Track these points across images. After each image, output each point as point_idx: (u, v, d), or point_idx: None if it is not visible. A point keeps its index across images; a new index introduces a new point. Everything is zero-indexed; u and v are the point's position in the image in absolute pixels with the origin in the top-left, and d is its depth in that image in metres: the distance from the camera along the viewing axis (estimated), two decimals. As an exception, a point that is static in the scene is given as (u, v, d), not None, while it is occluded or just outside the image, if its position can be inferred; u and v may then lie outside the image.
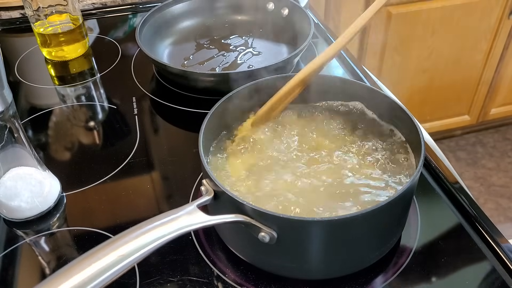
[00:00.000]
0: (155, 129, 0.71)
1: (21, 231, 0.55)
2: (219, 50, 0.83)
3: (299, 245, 0.44)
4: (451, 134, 1.99)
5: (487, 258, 0.50)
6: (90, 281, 0.35)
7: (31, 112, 0.74)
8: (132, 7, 1.00)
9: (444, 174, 0.59)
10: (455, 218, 0.54)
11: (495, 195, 1.76)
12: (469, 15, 1.54)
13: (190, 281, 0.49)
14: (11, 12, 0.95)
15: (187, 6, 0.87)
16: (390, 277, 0.49)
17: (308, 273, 0.47)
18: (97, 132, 0.72)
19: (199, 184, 0.58)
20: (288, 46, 0.83)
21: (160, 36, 0.83)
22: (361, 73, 0.77)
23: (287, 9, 0.85)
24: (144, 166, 0.63)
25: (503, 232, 0.52)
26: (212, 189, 0.45)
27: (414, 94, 1.70)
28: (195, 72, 0.72)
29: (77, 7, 0.82)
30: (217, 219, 0.43)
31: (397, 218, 0.48)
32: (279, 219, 0.42)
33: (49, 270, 0.52)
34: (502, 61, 1.72)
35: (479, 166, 1.88)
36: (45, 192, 0.56)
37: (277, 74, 0.59)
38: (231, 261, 0.50)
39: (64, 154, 0.67)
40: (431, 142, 0.70)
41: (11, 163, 0.55)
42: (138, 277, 0.49)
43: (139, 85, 0.78)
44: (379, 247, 0.48)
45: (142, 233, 0.38)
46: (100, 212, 0.58)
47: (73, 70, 0.84)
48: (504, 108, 1.90)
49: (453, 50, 1.63)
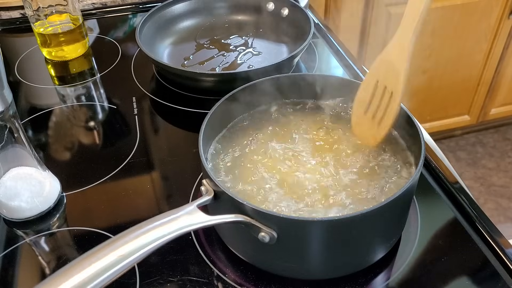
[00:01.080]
0: (155, 129, 0.71)
1: (21, 231, 0.55)
2: (219, 50, 0.83)
3: (299, 245, 0.44)
4: (451, 134, 1.99)
5: (487, 258, 0.50)
6: (90, 281, 0.35)
7: (31, 112, 0.74)
8: (132, 7, 1.00)
9: (444, 174, 0.59)
10: (455, 218, 0.54)
11: (495, 195, 1.76)
12: (469, 15, 1.54)
13: (190, 281, 0.49)
14: (11, 12, 0.95)
15: (187, 6, 0.87)
16: (390, 277, 0.49)
17: (308, 273, 0.47)
18: (97, 132, 0.72)
19: (199, 184, 0.58)
20: (288, 46, 0.83)
21: (160, 36, 0.83)
22: (361, 73, 0.77)
23: (287, 9, 0.85)
24: (144, 166, 0.64)
25: (503, 232, 0.52)
26: (212, 189, 0.45)
27: (414, 94, 1.70)
28: (195, 72, 0.72)
29: (77, 7, 0.82)
30: (217, 219, 0.43)
31: (397, 218, 0.48)
32: (279, 219, 0.42)
33: (49, 270, 0.52)
34: (502, 61, 1.72)
35: (479, 166, 1.88)
36: (45, 192, 0.56)
37: (277, 74, 0.59)
38: (231, 261, 0.50)
39: (64, 154, 0.67)
40: (431, 142, 0.70)
41: (11, 163, 0.55)
42: (138, 277, 0.49)
43: (139, 85, 0.78)
44: (379, 247, 0.48)
45: (142, 233, 0.38)
46: (100, 212, 0.58)
47: (73, 70, 0.84)
48: (504, 108, 1.90)
49: (453, 50, 1.63)
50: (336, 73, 0.80)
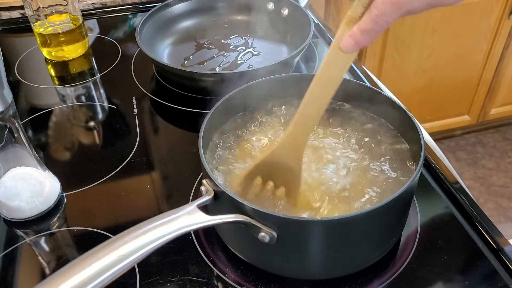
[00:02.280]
0: (155, 129, 0.71)
1: (21, 231, 0.55)
2: (219, 50, 0.83)
3: (299, 245, 0.44)
4: (451, 134, 1.99)
5: (487, 258, 0.50)
6: (90, 281, 0.35)
7: (31, 112, 0.74)
8: (132, 7, 1.00)
9: (444, 174, 0.59)
10: (455, 218, 0.54)
11: (495, 195, 1.76)
12: (469, 15, 1.54)
13: (190, 281, 0.49)
14: (11, 12, 0.95)
15: (187, 6, 0.87)
16: (390, 277, 0.49)
17: (308, 273, 0.47)
18: (97, 132, 0.72)
19: (199, 184, 0.58)
20: (288, 46, 0.83)
21: (160, 36, 0.83)
22: (361, 73, 0.77)
23: (287, 9, 0.85)
24: (144, 166, 0.64)
25: (503, 232, 0.52)
26: (212, 189, 0.45)
27: (414, 94, 1.70)
28: (195, 72, 0.72)
29: (77, 7, 0.82)
30: (217, 219, 0.43)
31: (397, 218, 0.48)
32: (279, 219, 0.42)
33: (49, 270, 0.52)
34: (502, 61, 1.72)
35: (479, 166, 1.88)
36: (45, 192, 0.56)
37: (277, 74, 0.59)
38: (231, 261, 0.50)
39: (64, 154, 0.67)
40: (431, 142, 0.70)
41: (11, 163, 0.55)
42: (138, 277, 0.49)
43: (139, 85, 0.78)
44: (379, 247, 0.48)
45: (142, 233, 0.38)
46: (100, 212, 0.58)
47: (73, 70, 0.84)
48: (504, 108, 1.90)
49: (453, 50, 1.63)
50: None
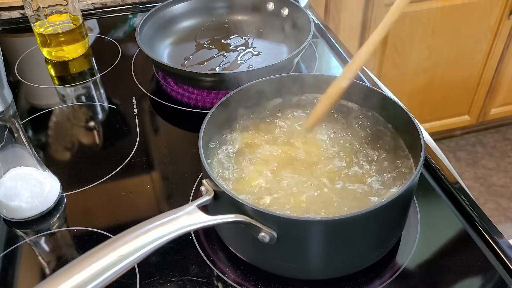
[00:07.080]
0: (155, 129, 0.71)
1: (21, 231, 0.55)
2: (219, 50, 0.83)
3: (299, 245, 0.44)
4: (451, 134, 1.99)
5: (487, 258, 0.50)
6: (90, 281, 0.35)
7: (31, 112, 0.74)
8: (132, 7, 1.00)
9: (444, 174, 0.59)
10: (455, 218, 0.54)
11: (495, 195, 1.76)
12: (469, 15, 1.54)
13: (190, 281, 0.49)
14: (11, 12, 0.95)
15: (187, 6, 0.87)
16: (390, 277, 0.49)
17: (308, 273, 0.47)
18: (97, 132, 0.72)
19: (199, 184, 0.58)
20: (288, 46, 0.83)
21: (160, 36, 0.83)
22: (361, 73, 0.77)
23: (287, 9, 0.85)
24: (144, 166, 0.64)
25: (503, 232, 0.52)
26: (212, 189, 0.45)
27: (414, 94, 1.70)
28: (195, 72, 0.72)
29: (77, 7, 0.82)
30: (217, 219, 0.43)
31: (397, 218, 0.48)
32: (279, 219, 0.42)
33: (49, 270, 0.52)
34: (502, 61, 1.72)
35: (479, 166, 1.88)
36: (45, 192, 0.56)
37: (277, 74, 0.59)
38: (231, 261, 0.50)
39: (64, 154, 0.67)
40: (431, 142, 0.70)
41: (11, 163, 0.55)
42: (138, 277, 0.49)
43: (139, 85, 0.78)
44: (379, 247, 0.48)
45: (142, 233, 0.38)
46: (100, 212, 0.58)
47: (73, 70, 0.84)
48: (504, 108, 1.90)
49: (453, 50, 1.63)
50: (336, 73, 0.80)
